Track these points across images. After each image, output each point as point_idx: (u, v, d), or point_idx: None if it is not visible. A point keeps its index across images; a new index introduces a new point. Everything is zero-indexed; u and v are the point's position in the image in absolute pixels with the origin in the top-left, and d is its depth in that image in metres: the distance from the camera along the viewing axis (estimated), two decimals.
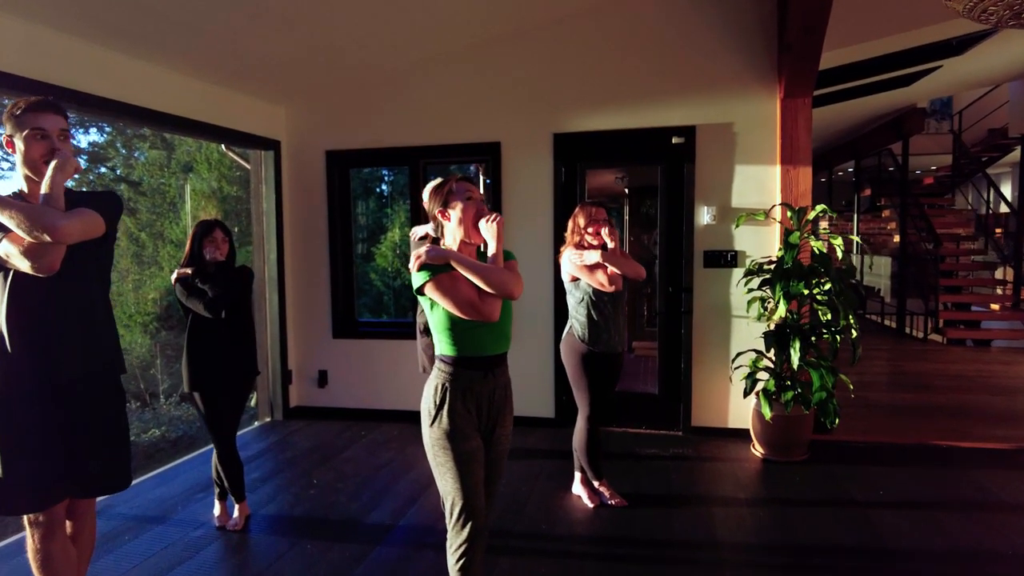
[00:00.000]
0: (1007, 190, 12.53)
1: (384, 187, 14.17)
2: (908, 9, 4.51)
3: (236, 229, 15.42)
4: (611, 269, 3.19)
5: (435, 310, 2.05)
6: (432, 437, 2.07)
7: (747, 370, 4.12)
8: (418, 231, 3.91)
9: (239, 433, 4.64)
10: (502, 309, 2.08)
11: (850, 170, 12.49)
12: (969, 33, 5.43)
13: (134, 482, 3.79)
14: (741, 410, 4.47)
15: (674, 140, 4.43)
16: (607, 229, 3.23)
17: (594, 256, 3.19)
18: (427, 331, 3.94)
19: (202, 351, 3.08)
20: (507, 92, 4.67)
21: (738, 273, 4.40)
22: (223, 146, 5.02)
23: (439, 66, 4.76)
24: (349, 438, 4.61)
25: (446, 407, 2.05)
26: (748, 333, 4.40)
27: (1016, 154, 10.46)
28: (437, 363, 2.11)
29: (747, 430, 4.38)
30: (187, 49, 3.80)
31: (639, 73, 4.47)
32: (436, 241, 2.21)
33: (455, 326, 2.04)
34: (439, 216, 2.12)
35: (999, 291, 9.25)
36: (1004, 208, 11.67)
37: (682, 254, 4.48)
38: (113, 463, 2.15)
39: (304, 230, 5.15)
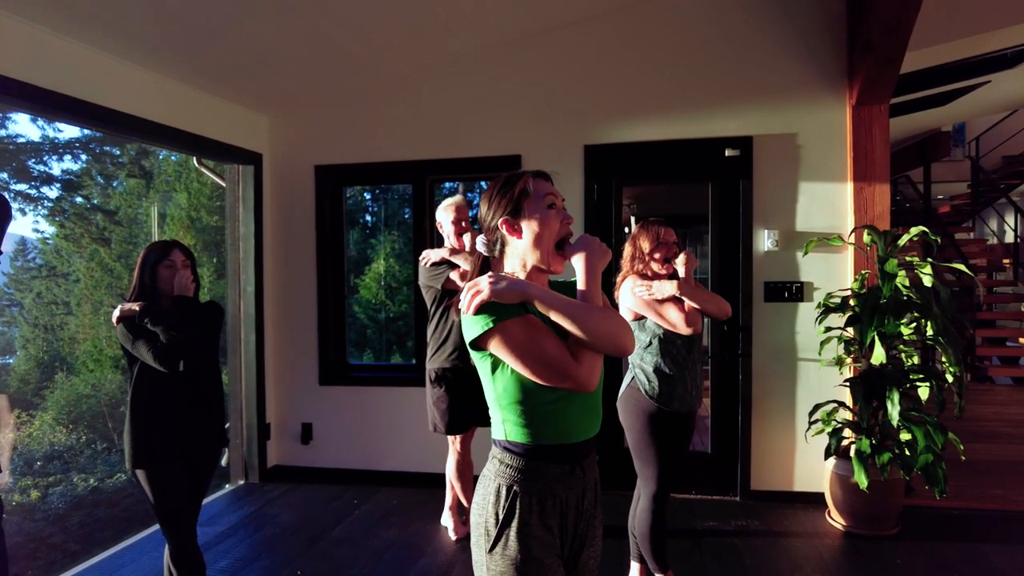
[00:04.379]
0: (1010, 219, 12.11)
1: (368, 217, 13.64)
2: (983, 10, 3.95)
3: (215, 260, 14.58)
4: (688, 305, 2.49)
5: (500, 374, 1.33)
6: (493, 569, 1.33)
7: (823, 426, 3.43)
8: (431, 256, 3.21)
9: (205, 501, 3.83)
10: None
11: None
12: None
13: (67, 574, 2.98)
14: (810, 471, 3.75)
15: (727, 153, 3.78)
16: (682, 255, 2.54)
17: (668, 288, 2.48)
18: (439, 380, 3.20)
19: (151, 415, 2.31)
20: (531, 98, 4.01)
21: (805, 308, 3.73)
22: (195, 160, 4.30)
23: (453, 68, 4.09)
24: (340, 508, 3.81)
25: (515, 524, 1.32)
26: (818, 380, 3.71)
27: None
28: (498, 454, 1.38)
29: (818, 494, 3.68)
30: (159, 42, 3.14)
31: (685, 77, 3.84)
32: (485, 265, 1.50)
33: (530, 398, 1.32)
34: (503, 229, 1.41)
35: None
36: (1009, 238, 11.28)
37: (739, 286, 3.80)
38: None
39: (288, 258, 4.41)
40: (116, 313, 2.33)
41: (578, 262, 1.36)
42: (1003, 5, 3.83)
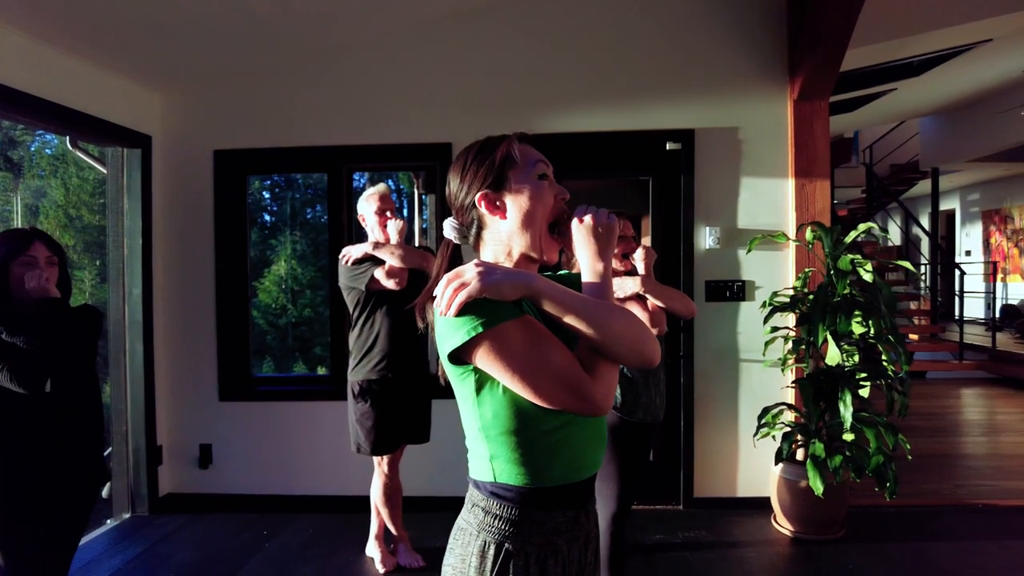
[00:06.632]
0: (899, 221, 13.02)
1: (267, 216, 13.02)
2: (900, 16, 3.98)
3: (98, 263, 13.22)
4: (652, 303, 2.26)
5: (488, 395, 1.00)
6: None
7: (768, 429, 3.31)
8: (352, 252, 2.83)
9: (81, 542, 3.25)
10: None
11: None
12: (943, 49, 5.09)
13: None
14: (753, 476, 3.65)
15: (669, 146, 3.62)
16: (640, 249, 2.31)
17: (631, 285, 2.24)
18: (363, 394, 2.82)
19: (1, 454, 1.82)
20: (462, 82, 3.69)
21: (747, 307, 3.62)
22: (68, 142, 3.68)
23: (377, 46, 3.69)
24: (249, 542, 3.32)
25: None
26: (760, 382, 3.61)
27: (918, 187, 10.76)
28: (481, 501, 1.05)
29: (762, 499, 3.57)
30: None
31: (625, 66, 3.64)
32: (456, 257, 1.16)
33: (528, 426, 1.00)
34: (481, 207, 1.09)
35: (916, 321, 9.30)
36: (893, 242, 12.16)
37: (680, 286, 3.64)
38: None
39: (181, 256, 3.86)
40: None
41: (584, 246, 1.06)
42: (918, 12, 3.88)
